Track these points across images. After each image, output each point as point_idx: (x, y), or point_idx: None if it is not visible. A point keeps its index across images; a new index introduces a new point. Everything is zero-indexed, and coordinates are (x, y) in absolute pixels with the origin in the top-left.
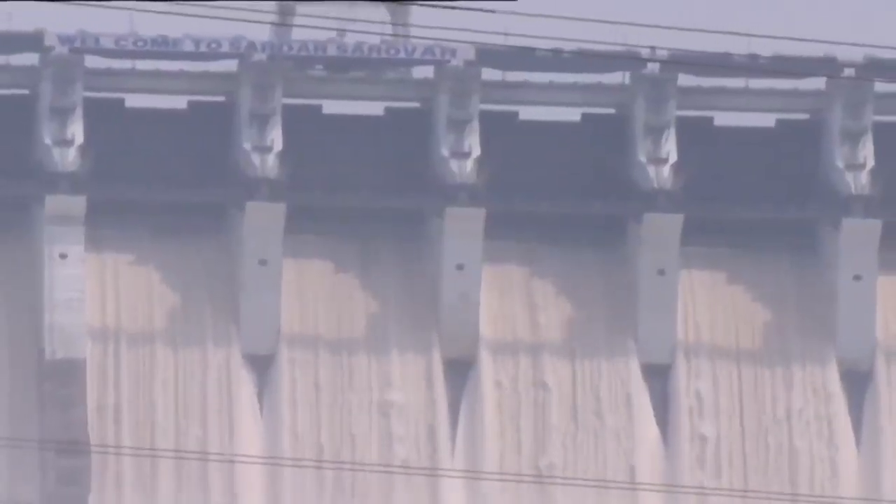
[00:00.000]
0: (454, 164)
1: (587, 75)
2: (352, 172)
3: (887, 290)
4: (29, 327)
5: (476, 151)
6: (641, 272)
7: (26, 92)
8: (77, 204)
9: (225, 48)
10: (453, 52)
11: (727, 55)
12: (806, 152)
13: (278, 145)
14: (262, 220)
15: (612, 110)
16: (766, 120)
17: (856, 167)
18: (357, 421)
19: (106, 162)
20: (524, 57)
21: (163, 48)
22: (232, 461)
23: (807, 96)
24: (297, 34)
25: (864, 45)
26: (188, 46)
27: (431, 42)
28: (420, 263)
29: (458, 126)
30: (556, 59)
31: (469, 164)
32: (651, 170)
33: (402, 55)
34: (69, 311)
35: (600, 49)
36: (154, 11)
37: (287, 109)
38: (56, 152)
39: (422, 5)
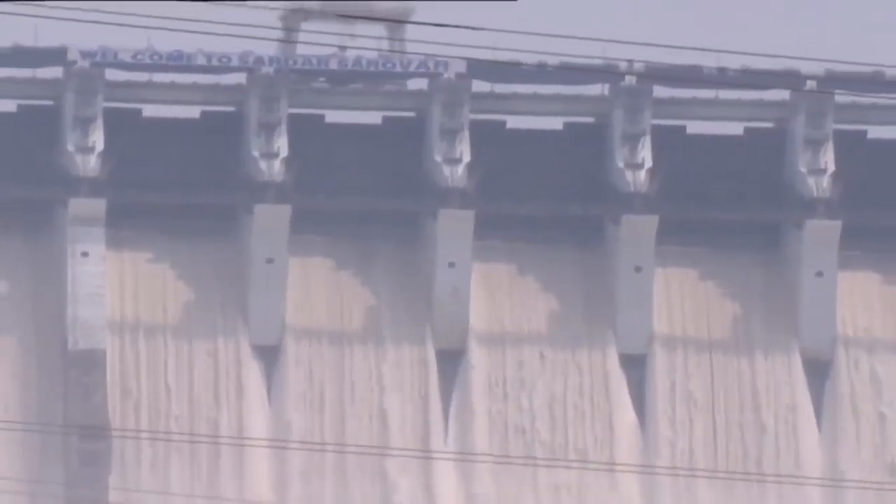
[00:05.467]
0: (446, 170)
1: (569, 87)
2: (352, 177)
3: (847, 286)
4: (54, 320)
5: (467, 157)
6: (619, 269)
7: (51, 103)
8: (98, 206)
9: (235, 62)
10: (445, 66)
11: (698, 68)
12: (771, 158)
13: (284, 152)
14: (269, 221)
15: (592, 119)
16: (735, 128)
17: (817, 172)
18: (356, 407)
19: (125, 167)
20: (511, 70)
21: (177, 62)
22: (241, 444)
23: (772, 106)
24: (302, 49)
25: (824, 60)
26: (201, 60)
27: (425, 56)
28: (415, 261)
29: (450, 134)
30: (541, 72)
31: (460, 170)
32: (628, 174)
33: (398, 69)
34: (91, 305)
35: (581, 63)
36: (169, 29)
37: (292, 119)
38: (78, 159)
39: (416, 23)
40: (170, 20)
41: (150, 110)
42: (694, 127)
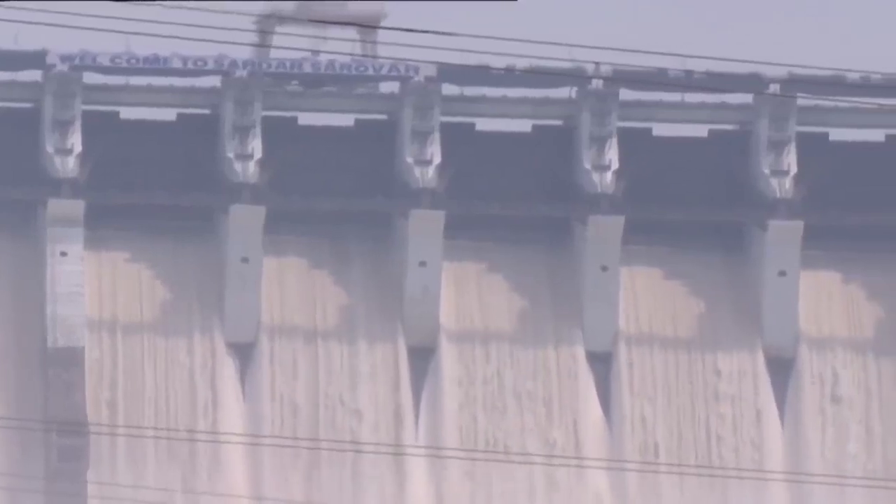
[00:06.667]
0: (417, 171)
1: (537, 90)
2: (325, 178)
3: (809, 285)
4: (33, 318)
5: (437, 159)
6: (586, 268)
7: (30, 105)
8: (77, 207)
9: (210, 66)
10: (416, 70)
11: (664, 72)
12: (735, 160)
13: (258, 154)
14: (244, 221)
15: (559, 122)
16: (700, 130)
17: (780, 173)
18: (329, 403)
19: (103, 169)
20: (480, 73)
21: (154, 66)
22: (216, 440)
23: (736, 109)
24: (275, 53)
25: (787, 64)
26: (177, 64)
27: (397, 60)
28: (386, 260)
29: (421, 136)
30: (509, 76)
31: (431, 171)
32: (595, 176)
33: (370, 72)
34: (70, 304)
35: (549, 66)
36: (146, 34)
37: (266, 121)
38: (57, 160)
39: (388, 28)
40: (146, 23)
41: (127, 113)
42: (659, 129)
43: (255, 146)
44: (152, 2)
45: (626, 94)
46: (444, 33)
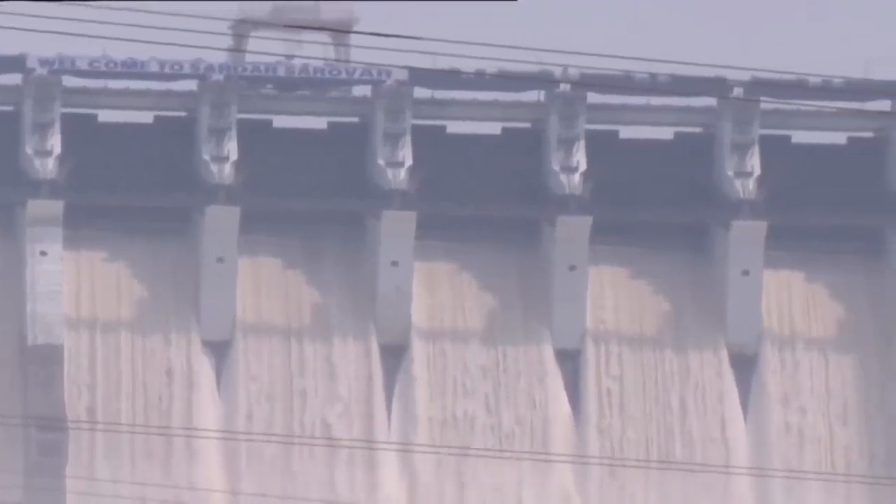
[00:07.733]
0: (389, 173)
1: (506, 94)
2: (299, 180)
3: (771, 284)
4: (13, 317)
5: (409, 161)
6: (555, 268)
7: (10, 108)
8: (56, 207)
9: (186, 70)
10: (388, 74)
11: (630, 76)
12: (700, 162)
13: (234, 155)
14: (220, 222)
15: (528, 125)
16: (665, 133)
17: (744, 175)
18: (303, 400)
19: (81, 170)
20: (451, 77)
21: (132, 69)
22: (192, 435)
23: (700, 112)
24: (251, 57)
25: (750, 68)
26: (154, 68)
27: (369, 64)
28: (359, 260)
29: (393, 139)
30: (479, 80)
31: (402, 173)
32: (563, 177)
33: (343, 76)
34: (49, 302)
35: (518, 70)
36: (124, 38)
37: (241, 124)
38: (37, 162)
39: (360, 33)
40: (124, 27)
41: (105, 115)
42: (626, 132)
43: (231, 148)
44: (131, 1)
45: (593, 98)
46: (415, 38)
